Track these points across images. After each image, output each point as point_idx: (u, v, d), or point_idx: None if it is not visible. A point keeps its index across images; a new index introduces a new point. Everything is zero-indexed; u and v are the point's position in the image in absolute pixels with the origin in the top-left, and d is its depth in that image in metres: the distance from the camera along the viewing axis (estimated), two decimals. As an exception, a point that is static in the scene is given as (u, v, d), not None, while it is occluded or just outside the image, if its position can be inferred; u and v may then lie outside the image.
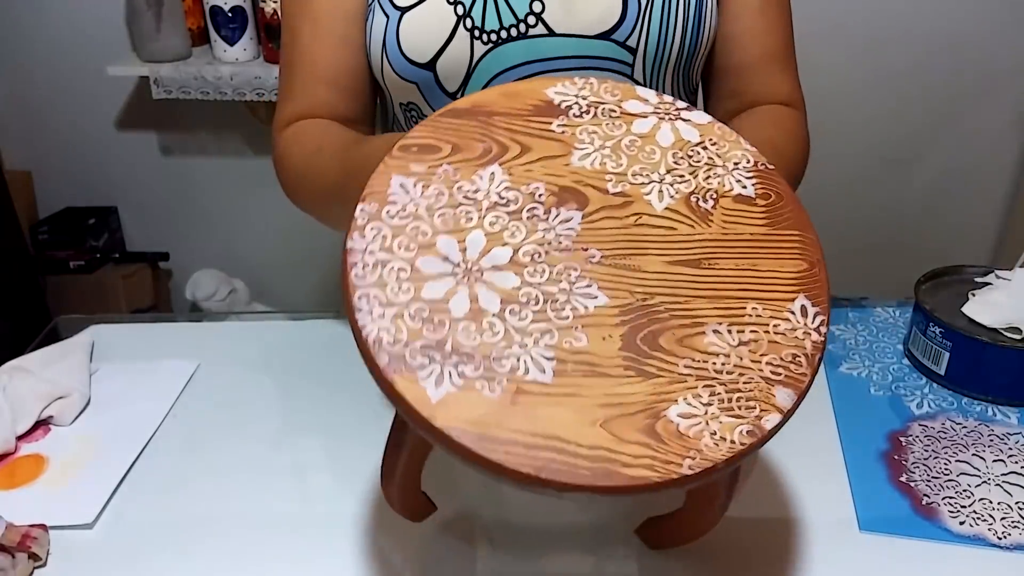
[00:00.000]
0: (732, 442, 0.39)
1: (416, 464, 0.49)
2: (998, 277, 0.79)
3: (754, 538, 0.61)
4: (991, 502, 0.64)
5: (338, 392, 0.77)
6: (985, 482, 0.66)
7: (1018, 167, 1.79)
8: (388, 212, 0.44)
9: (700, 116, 0.51)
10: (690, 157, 0.49)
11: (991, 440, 0.70)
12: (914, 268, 0.85)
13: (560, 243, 0.44)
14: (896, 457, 0.69)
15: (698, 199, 0.47)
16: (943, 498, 0.64)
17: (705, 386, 0.41)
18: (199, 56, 1.67)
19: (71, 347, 0.81)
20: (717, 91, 0.79)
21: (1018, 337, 0.73)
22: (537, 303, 0.42)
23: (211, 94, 1.63)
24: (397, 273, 0.42)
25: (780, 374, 0.42)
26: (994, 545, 0.60)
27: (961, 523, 0.62)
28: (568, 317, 0.42)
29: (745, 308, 0.44)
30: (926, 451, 0.69)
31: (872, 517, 0.63)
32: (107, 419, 0.74)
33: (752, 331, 0.43)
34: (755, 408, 0.41)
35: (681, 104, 0.52)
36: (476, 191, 0.45)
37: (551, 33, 0.70)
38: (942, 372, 0.76)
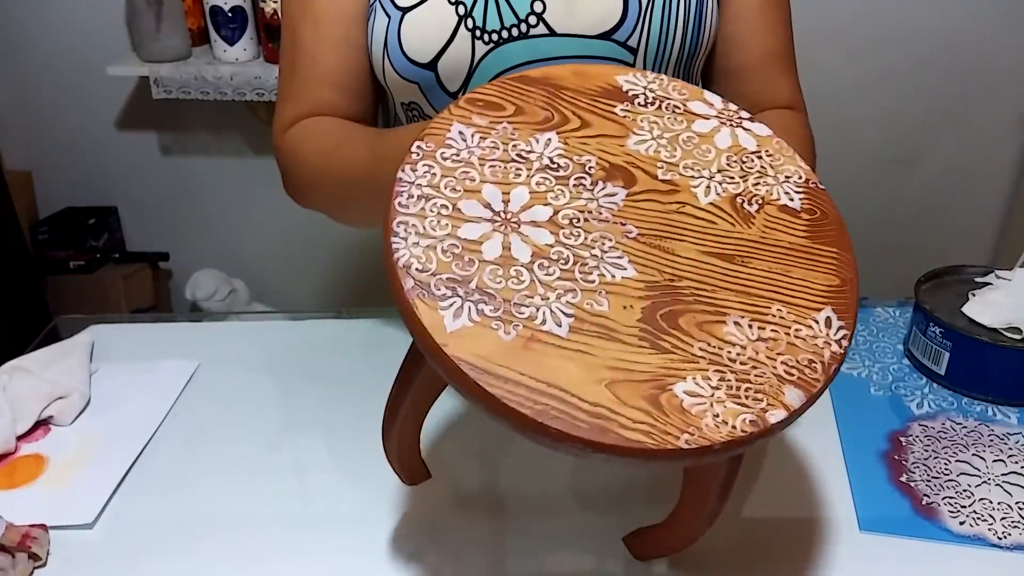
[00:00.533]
0: (733, 427, 0.39)
1: (420, 409, 0.51)
2: (998, 277, 0.79)
3: (754, 538, 0.61)
4: (991, 502, 0.64)
5: (338, 392, 0.77)
6: (985, 482, 0.66)
7: (1018, 167, 1.79)
8: (442, 154, 0.46)
9: (761, 128, 0.52)
10: (743, 163, 0.50)
11: (991, 440, 0.70)
12: (914, 268, 0.85)
13: (600, 214, 0.46)
14: (896, 457, 0.69)
15: (743, 201, 0.48)
16: (943, 498, 0.64)
17: (716, 371, 0.41)
18: (199, 56, 1.67)
19: (71, 347, 0.81)
20: (718, 92, 0.79)
21: (1018, 337, 0.73)
22: (566, 263, 0.43)
23: (211, 94, 1.63)
24: (439, 209, 0.44)
25: (793, 375, 0.42)
26: (994, 545, 0.60)
27: (961, 523, 0.62)
28: (594, 281, 0.43)
29: (770, 308, 0.44)
30: (926, 451, 0.69)
31: (872, 517, 0.63)
32: (107, 419, 0.74)
33: (773, 330, 0.43)
34: (762, 401, 0.41)
35: (745, 114, 0.53)
36: (530, 152, 0.47)
37: (552, 33, 0.70)
38: (942, 372, 0.76)
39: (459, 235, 0.43)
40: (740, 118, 0.53)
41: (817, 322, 0.44)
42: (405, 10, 0.69)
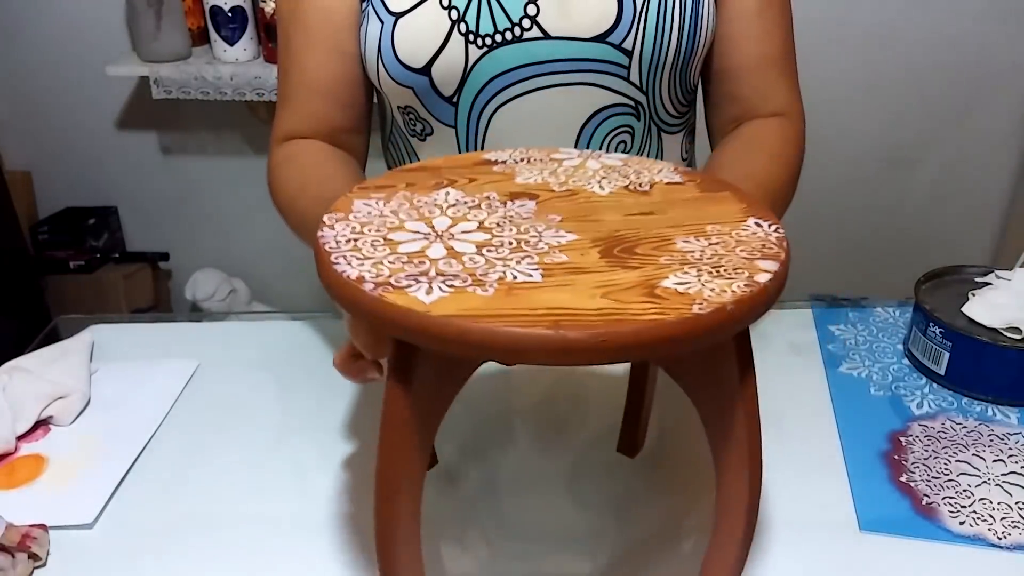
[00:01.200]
0: (733, 291, 0.41)
1: (419, 477, 0.47)
2: (998, 277, 0.79)
3: (754, 538, 0.61)
4: (991, 502, 0.64)
5: (338, 392, 0.77)
6: (985, 482, 0.66)
7: (1018, 167, 1.79)
8: (355, 216, 0.49)
9: (618, 155, 0.59)
10: (618, 171, 0.56)
11: (991, 440, 0.70)
12: (914, 268, 0.85)
13: (521, 216, 0.49)
14: (896, 457, 0.69)
15: (635, 186, 0.54)
16: (943, 498, 0.64)
17: (690, 267, 0.44)
18: (199, 56, 1.67)
19: (71, 347, 0.81)
20: (714, 94, 0.79)
21: (1018, 337, 0.73)
22: (512, 244, 0.46)
23: (211, 94, 1.63)
24: (371, 241, 0.45)
25: (757, 255, 0.45)
26: (994, 545, 0.60)
27: (961, 523, 0.62)
28: (544, 248, 0.45)
29: (705, 228, 0.48)
30: (926, 451, 0.69)
31: (872, 517, 0.63)
32: (107, 419, 0.74)
33: (717, 238, 0.47)
34: (744, 272, 0.43)
35: (600, 152, 0.60)
36: (435, 200, 0.51)
37: (546, 36, 0.70)
38: (942, 372, 0.76)
39: (400, 251, 0.44)
40: (598, 154, 0.59)
41: (749, 226, 0.49)
42: (398, 15, 0.69)
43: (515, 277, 0.42)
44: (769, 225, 0.48)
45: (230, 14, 1.59)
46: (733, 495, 0.49)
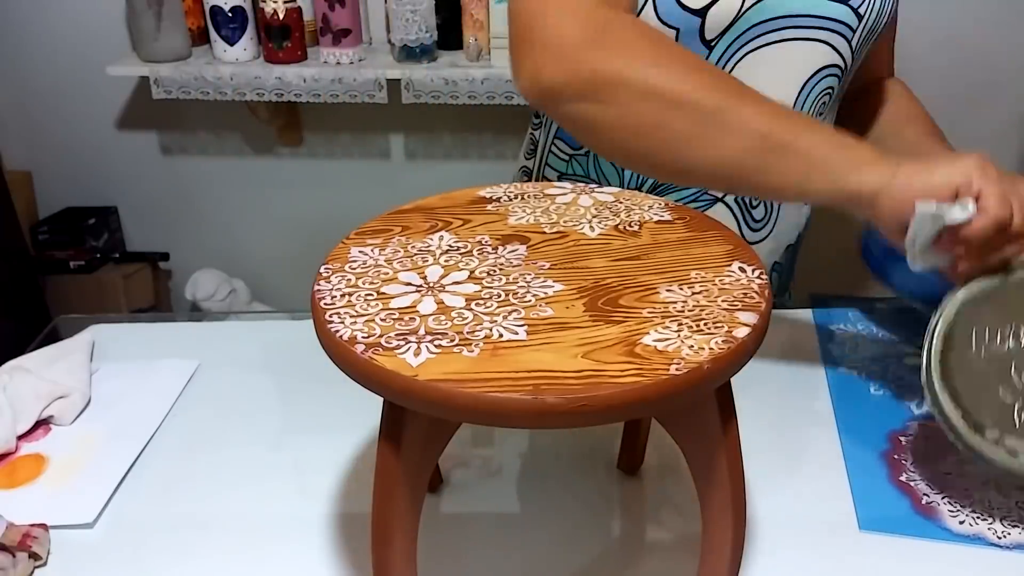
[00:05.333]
0: (711, 349, 0.42)
1: (414, 515, 0.50)
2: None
3: (754, 537, 0.61)
4: (991, 502, 0.64)
5: (338, 392, 0.77)
6: (985, 482, 0.66)
7: (1018, 167, 1.79)
8: (350, 267, 0.50)
9: (611, 188, 0.61)
10: (610, 208, 0.58)
11: (991, 440, 0.70)
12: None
13: (511, 263, 0.50)
14: (896, 457, 0.69)
15: (625, 226, 0.55)
16: (943, 497, 0.64)
17: (671, 320, 0.45)
18: (199, 56, 1.67)
19: (71, 347, 0.81)
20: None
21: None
22: (500, 296, 0.47)
23: (211, 94, 1.63)
24: (364, 296, 0.47)
25: (738, 305, 0.46)
26: (994, 545, 0.60)
27: (961, 523, 0.62)
28: (531, 300, 0.47)
29: (689, 275, 0.49)
30: (926, 451, 0.69)
31: (872, 516, 0.63)
32: (107, 419, 0.74)
33: (701, 285, 0.48)
34: (723, 327, 0.44)
35: (593, 184, 0.62)
36: (428, 246, 0.52)
37: None
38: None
39: (392, 307, 0.46)
40: (591, 188, 0.60)
41: (733, 271, 0.50)
42: None
43: (501, 335, 0.43)
44: (753, 270, 0.50)
45: (230, 14, 1.59)
46: (717, 534, 0.50)
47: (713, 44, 0.74)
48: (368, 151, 1.87)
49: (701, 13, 0.72)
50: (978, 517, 0.62)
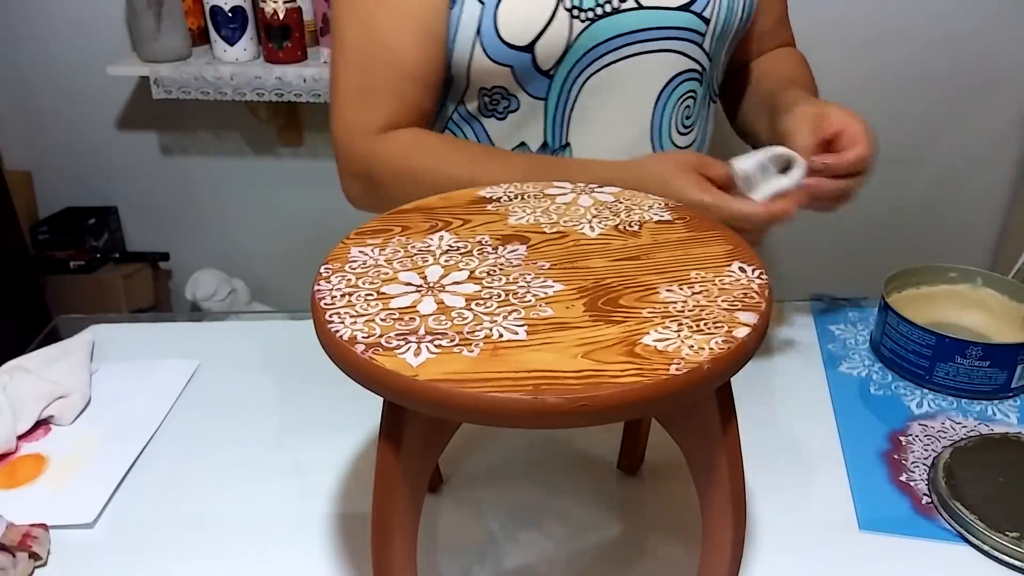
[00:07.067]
0: (711, 349, 0.42)
1: (414, 515, 0.50)
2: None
3: (754, 537, 0.61)
4: (991, 502, 0.64)
5: (338, 392, 0.77)
6: (985, 482, 0.66)
7: (1018, 167, 1.79)
8: (350, 267, 0.50)
9: (611, 189, 0.61)
10: (610, 208, 0.58)
11: (991, 440, 0.70)
12: (914, 268, 0.85)
13: (511, 263, 0.51)
14: (896, 456, 0.69)
15: (625, 226, 0.55)
16: (943, 498, 0.64)
17: (671, 320, 0.45)
18: (199, 56, 1.67)
19: (71, 347, 0.81)
20: (738, 51, 0.87)
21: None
22: (500, 297, 0.47)
23: (211, 94, 1.63)
24: (364, 296, 0.47)
25: (738, 305, 0.46)
26: (994, 545, 0.60)
27: (961, 523, 0.62)
28: (531, 300, 0.47)
29: (689, 275, 0.49)
30: (926, 451, 0.69)
31: (872, 517, 0.63)
32: (107, 419, 0.74)
33: (701, 285, 0.48)
34: (723, 327, 0.44)
35: (594, 185, 0.62)
36: (428, 246, 0.52)
37: (639, 7, 0.73)
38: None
39: (392, 307, 0.46)
40: (591, 188, 0.61)
41: (733, 272, 0.50)
42: None
43: (501, 335, 0.43)
44: (753, 270, 0.50)
45: (230, 14, 1.59)
46: (717, 534, 0.50)
47: (552, 73, 0.74)
48: (368, 151, 1.87)
49: (529, 49, 0.72)
50: (978, 517, 0.62)
